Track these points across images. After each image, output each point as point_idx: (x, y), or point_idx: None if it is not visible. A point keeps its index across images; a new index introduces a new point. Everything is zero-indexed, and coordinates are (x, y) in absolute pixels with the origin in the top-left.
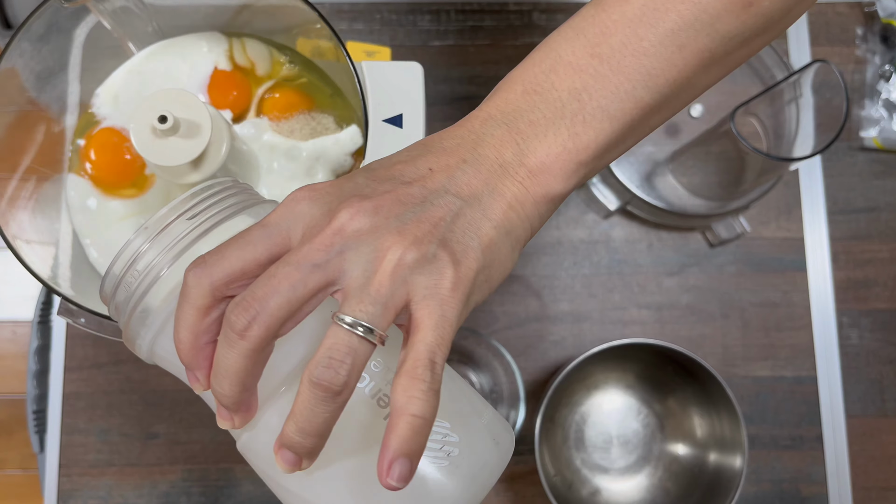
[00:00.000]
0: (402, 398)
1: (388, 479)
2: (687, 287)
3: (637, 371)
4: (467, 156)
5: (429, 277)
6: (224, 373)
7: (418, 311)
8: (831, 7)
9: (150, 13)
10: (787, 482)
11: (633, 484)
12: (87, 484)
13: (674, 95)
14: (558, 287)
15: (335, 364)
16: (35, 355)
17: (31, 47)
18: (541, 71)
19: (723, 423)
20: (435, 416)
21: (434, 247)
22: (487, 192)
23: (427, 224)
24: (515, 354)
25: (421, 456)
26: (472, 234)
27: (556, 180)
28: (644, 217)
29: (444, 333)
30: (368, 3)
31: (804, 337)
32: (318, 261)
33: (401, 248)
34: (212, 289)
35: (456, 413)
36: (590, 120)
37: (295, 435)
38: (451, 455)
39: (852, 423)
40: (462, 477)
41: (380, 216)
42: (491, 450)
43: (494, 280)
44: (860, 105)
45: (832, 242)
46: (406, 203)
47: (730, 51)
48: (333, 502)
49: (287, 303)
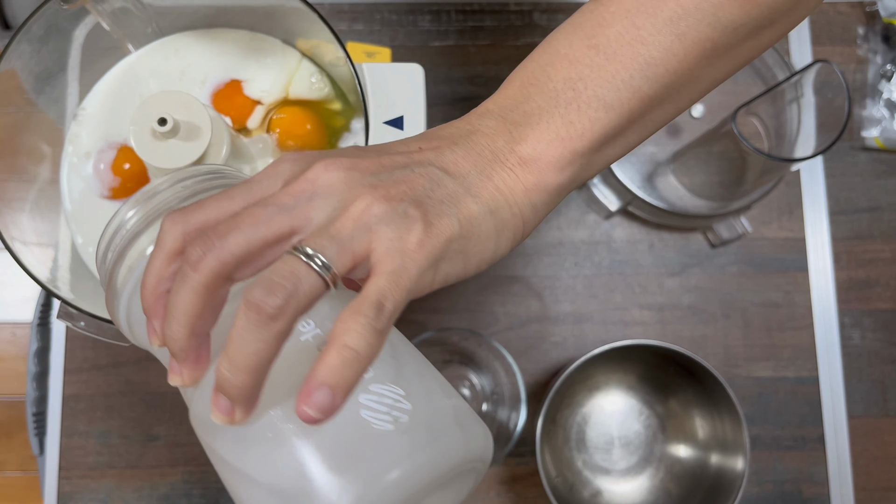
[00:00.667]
0: (339, 328)
1: (303, 406)
2: (688, 287)
3: (639, 372)
4: (459, 141)
5: (395, 230)
6: (173, 311)
7: (378, 261)
8: (833, 7)
9: (150, 14)
10: (789, 483)
11: (634, 485)
12: (87, 486)
13: (676, 87)
14: (559, 288)
15: (275, 286)
16: (35, 357)
17: (31, 48)
18: (538, 66)
19: (724, 423)
20: (372, 357)
21: (406, 205)
22: (475, 173)
23: (404, 186)
24: (517, 355)
25: (347, 392)
26: (451, 203)
27: (548, 169)
28: (645, 217)
29: (400, 282)
30: (368, 3)
31: (806, 337)
32: (286, 205)
33: (369, 199)
34: (183, 234)
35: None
36: (585, 108)
37: (226, 371)
38: (398, 421)
39: (854, 424)
40: (406, 447)
41: (355, 172)
42: (450, 430)
43: (471, 256)
44: (862, 105)
45: (834, 242)
46: (386, 166)
47: (734, 43)
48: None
49: (246, 241)
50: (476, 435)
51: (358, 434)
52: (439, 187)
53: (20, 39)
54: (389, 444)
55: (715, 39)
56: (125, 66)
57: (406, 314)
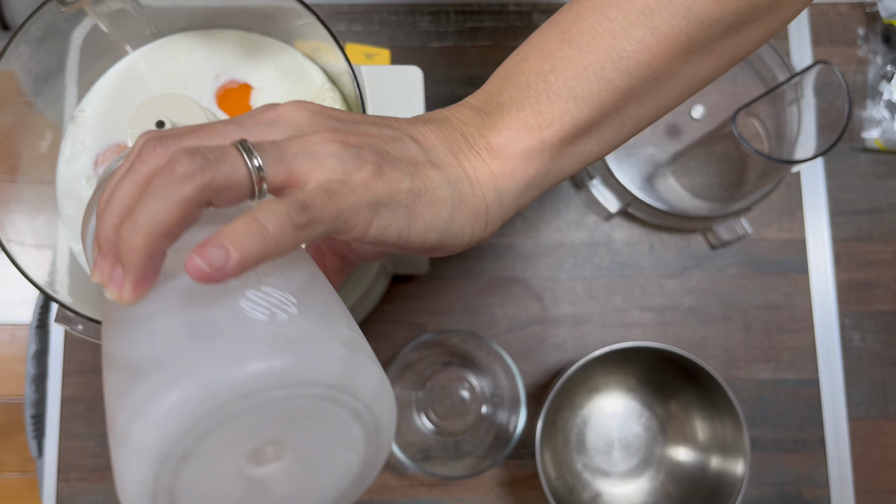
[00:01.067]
0: (257, 207)
1: (194, 257)
2: (688, 289)
3: (638, 374)
4: (433, 122)
5: (342, 165)
6: (144, 220)
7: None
8: (833, 7)
9: (148, 16)
10: (789, 485)
11: (634, 487)
12: (86, 489)
13: (652, 82)
14: (559, 289)
15: (197, 153)
16: (33, 359)
17: (29, 50)
18: (515, 62)
19: (725, 426)
20: (279, 245)
21: (362, 150)
22: (442, 149)
23: (366, 137)
24: (516, 357)
25: (243, 262)
26: (410, 163)
27: (516, 157)
28: (645, 219)
29: (333, 199)
30: (367, 4)
31: (806, 339)
32: (247, 124)
33: (327, 136)
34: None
35: (315, 304)
36: (555, 99)
37: (126, 230)
38: (275, 317)
39: (855, 426)
40: (275, 339)
41: (322, 115)
42: (330, 345)
43: (419, 216)
44: (862, 106)
45: (834, 244)
46: (355, 119)
47: (712, 38)
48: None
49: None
50: (364, 366)
51: (228, 318)
52: (402, 148)
53: (18, 41)
54: (257, 332)
55: (690, 34)
56: (123, 67)
57: (405, 316)
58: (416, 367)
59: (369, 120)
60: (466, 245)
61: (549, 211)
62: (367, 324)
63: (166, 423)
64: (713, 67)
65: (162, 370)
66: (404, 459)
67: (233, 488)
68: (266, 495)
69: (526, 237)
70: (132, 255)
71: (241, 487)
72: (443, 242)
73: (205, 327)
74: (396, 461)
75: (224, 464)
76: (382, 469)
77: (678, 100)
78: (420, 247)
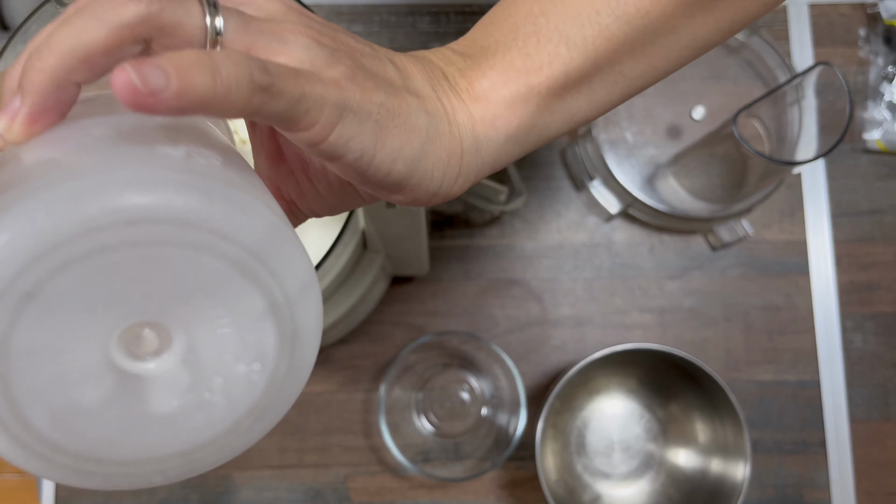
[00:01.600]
0: (216, 51)
1: (126, 66)
2: (689, 291)
3: (639, 376)
4: (412, 57)
5: (312, 57)
6: (62, 35)
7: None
8: (834, 8)
9: None
10: (790, 487)
11: (635, 490)
12: (85, 490)
13: (650, 35)
14: (559, 291)
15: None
16: None
17: None
18: (501, 7)
19: (725, 428)
20: (229, 97)
21: (337, 52)
22: (421, 80)
23: (341, 44)
24: (516, 359)
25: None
26: (386, 80)
27: (499, 102)
28: (646, 220)
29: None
30: (367, 4)
31: (807, 341)
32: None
33: (297, 27)
34: None
35: (238, 170)
36: (545, 43)
37: (36, 47)
38: (191, 159)
39: (856, 428)
40: (186, 180)
41: (295, 11)
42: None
43: (388, 136)
44: (863, 107)
45: (835, 245)
46: (330, 26)
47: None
48: None
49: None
50: (290, 243)
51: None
52: (380, 66)
53: (17, 41)
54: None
55: None
56: None
57: (404, 317)
58: (416, 368)
59: (348, 33)
60: (433, 195)
61: (549, 212)
62: (367, 325)
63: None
64: (714, 29)
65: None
66: (404, 461)
67: (93, 382)
68: (138, 405)
69: (526, 238)
70: (36, 77)
71: (104, 385)
72: (409, 178)
73: (99, 141)
74: (396, 463)
75: (84, 337)
76: (381, 471)
77: (675, 62)
78: (383, 177)
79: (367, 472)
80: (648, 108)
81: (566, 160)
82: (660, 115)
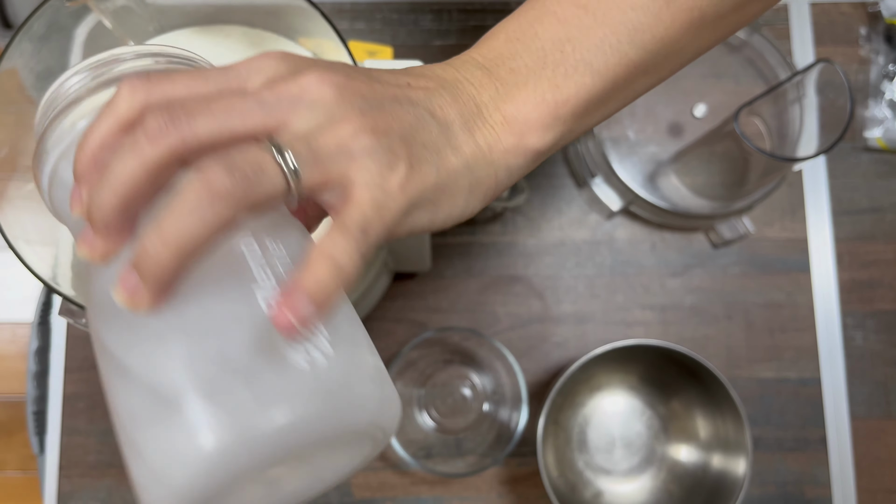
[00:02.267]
0: (327, 243)
1: (284, 310)
2: (690, 288)
3: (640, 372)
4: (447, 85)
5: (378, 165)
6: (111, 179)
7: (359, 191)
8: (835, 7)
9: (151, 12)
10: (791, 484)
11: (636, 486)
12: (88, 485)
13: (662, 56)
14: (561, 288)
15: (235, 168)
16: (35, 356)
17: (32, 47)
18: (525, 21)
19: (727, 424)
20: (351, 279)
21: (392, 140)
22: (459, 125)
23: (393, 120)
24: (518, 356)
25: (326, 308)
26: (434, 151)
27: (530, 132)
28: (647, 218)
29: (383, 216)
30: (370, 2)
31: (808, 338)
32: (267, 102)
33: (358, 125)
34: (145, 103)
35: (345, 332)
36: (571, 73)
37: (151, 244)
38: (315, 362)
39: (857, 425)
40: (316, 389)
41: (347, 92)
42: (367, 387)
43: (441, 209)
44: (864, 105)
45: (836, 243)
46: (377, 94)
47: (722, 13)
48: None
49: (215, 128)
50: (391, 400)
51: (263, 355)
52: (425, 130)
53: (21, 38)
54: (299, 380)
55: (703, 8)
56: None
57: (406, 313)
58: (418, 364)
59: (391, 94)
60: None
61: (551, 209)
62: (369, 321)
63: (210, 474)
64: (713, 42)
65: (198, 409)
66: (405, 457)
67: (246, 492)
68: (272, 490)
69: (528, 235)
70: (158, 274)
71: (252, 489)
72: (446, 224)
73: (241, 364)
74: (398, 458)
75: (246, 484)
76: (383, 466)
77: (675, 72)
78: (428, 232)
79: (368, 467)
80: (650, 106)
81: (568, 158)
82: (661, 113)
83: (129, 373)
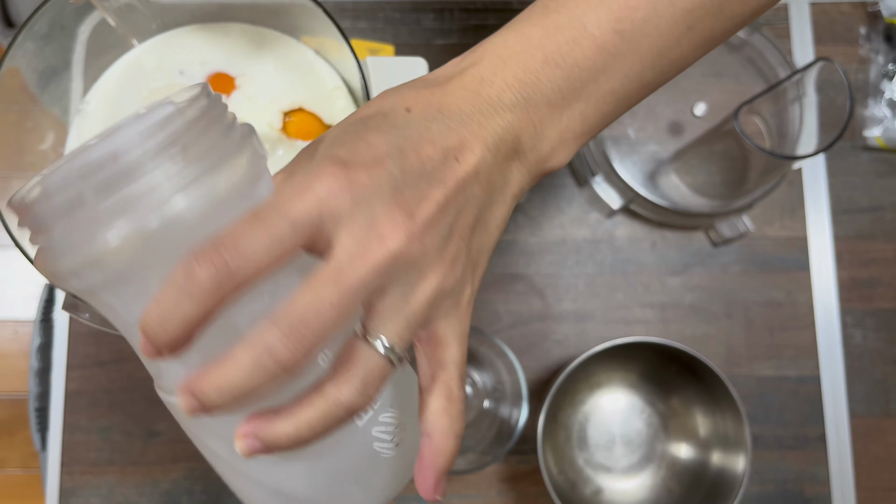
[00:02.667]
0: (446, 421)
1: (435, 496)
2: (690, 286)
3: (640, 370)
4: (488, 136)
5: (455, 297)
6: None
7: (442, 328)
8: (835, 6)
9: (154, 10)
10: (790, 482)
11: (636, 483)
12: (89, 482)
13: (671, 75)
14: (561, 286)
15: (369, 390)
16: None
17: (34, 46)
18: (564, 41)
19: (726, 422)
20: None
21: (463, 266)
22: (501, 185)
23: (460, 237)
24: (518, 353)
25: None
26: (486, 239)
27: (556, 159)
28: (647, 216)
29: (465, 347)
30: (371, 1)
31: (808, 336)
32: (370, 285)
33: (441, 274)
34: (220, 294)
35: (407, 405)
36: (601, 105)
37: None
38: (398, 446)
39: (856, 423)
40: (402, 467)
41: (426, 238)
42: None
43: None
44: (864, 104)
45: (836, 242)
46: (445, 209)
47: (728, 31)
48: (276, 481)
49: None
50: None
51: (369, 462)
52: (480, 222)
53: (24, 36)
54: (393, 469)
55: (715, 30)
56: (129, 60)
57: None
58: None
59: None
60: None
61: (551, 208)
62: None
63: None
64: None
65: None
66: None
67: None
68: None
69: (528, 234)
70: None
71: None
72: None
73: (352, 474)
74: None
75: None
76: None
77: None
78: None
79: None
80: (650, 105)
81: None
82: (662, 112)
83: (256, 482)
